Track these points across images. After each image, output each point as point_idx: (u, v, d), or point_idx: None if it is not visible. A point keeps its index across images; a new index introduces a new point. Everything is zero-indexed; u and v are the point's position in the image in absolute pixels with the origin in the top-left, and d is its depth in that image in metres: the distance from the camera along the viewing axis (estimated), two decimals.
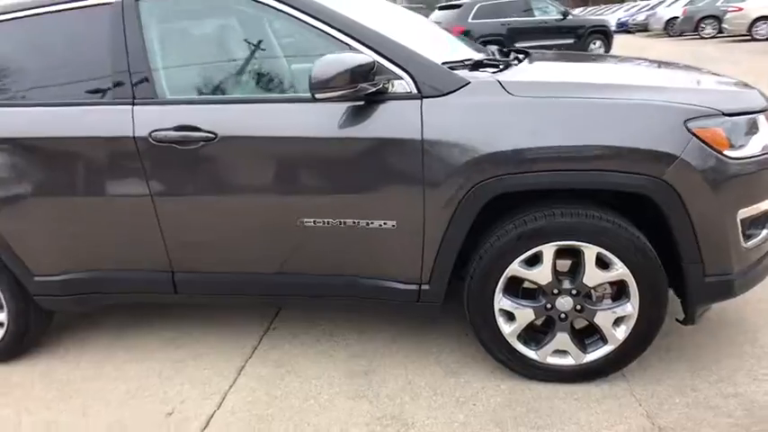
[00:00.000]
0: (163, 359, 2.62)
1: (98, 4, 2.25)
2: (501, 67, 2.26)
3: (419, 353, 2.49)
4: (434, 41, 2.65)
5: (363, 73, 1.90)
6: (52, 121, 2.26)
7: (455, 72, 2.05)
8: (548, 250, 2.02)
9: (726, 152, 1.89)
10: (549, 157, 1.91)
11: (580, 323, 2.15)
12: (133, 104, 2.19)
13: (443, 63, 2.11)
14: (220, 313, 2.91)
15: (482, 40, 11.55)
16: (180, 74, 2.24)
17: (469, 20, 11.75)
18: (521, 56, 2.60)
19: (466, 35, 11.52)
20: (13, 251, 2.43)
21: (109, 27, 2.22)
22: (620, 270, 2.00)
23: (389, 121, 2.00)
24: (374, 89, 1.95)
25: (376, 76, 1.98)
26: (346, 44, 2.04)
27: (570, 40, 12.44)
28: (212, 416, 2.22)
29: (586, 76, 2.13)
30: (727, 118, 1.91)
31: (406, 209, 2.04)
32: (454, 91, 1.99)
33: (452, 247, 2.07)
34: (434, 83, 2.00)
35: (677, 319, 2.19)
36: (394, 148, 2.00)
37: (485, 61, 2.26)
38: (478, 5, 11.98)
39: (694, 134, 1.86)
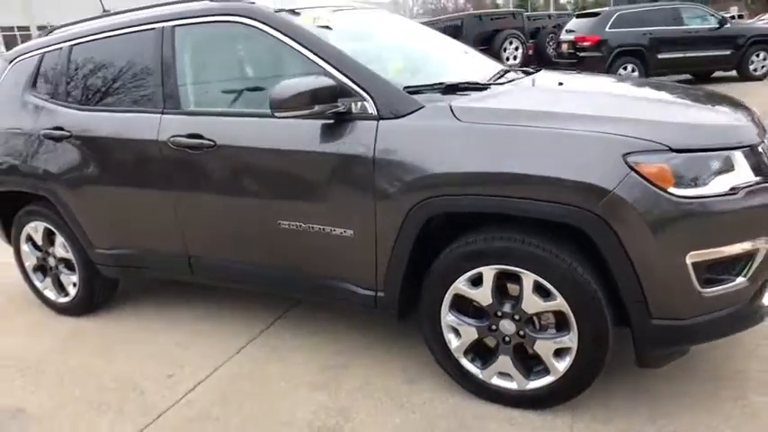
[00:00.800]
0: (187, 331, 3.06)
1: (148, 29, 2.74)
2: (482, 89, 2.33)
3: (391, 357, 2.63)
4: (433, 62, 2.77)
5: (322, 95, 2.11)
6: (107, 123, 2.80)
7: (413, 96, 2.18)
8: (488, 272, 2.06)
9: (671, 190, 1.79)
10: (478, 181, 1.97)
11: (530, 349, 2.15)
12: (162, 113, 2.63)
13: (412, 86, 2.24)
14: (245, 299, 3.29)
15: (618, 51, 10.94)
16: (195, 90, 2.64)
17: (607, 29, 11.14)
18: (519, 77, 2.61)
19: (601, 45, 11.01)
20: (81, 226, 3.02)
21: (152, 48, 2.69)
22: (557, 300, 1.98)
23: (350, 139, 2.20)
24: (333, 110, 2.15)
25: (343, 98, 2.18)
26: (323, 68, 2.27)
27: (726, 52, 11.21)
28: (199, 383, 2.58)
29: (546, 105, 2.11)
30: (676, 154, 1.80)
31: (361, 220, 2.22)
32: (408, 114, 2.13)
33: (401, 258, 2.19)
34: (392, 106, 2.15)
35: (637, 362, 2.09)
36: (351, 164, 2.19)
37: (461, 85, 2.34)
38: (618, 14, 11.32)
39: (633, 168, 1.80)
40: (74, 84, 2.99)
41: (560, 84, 2.42)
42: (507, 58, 10.53)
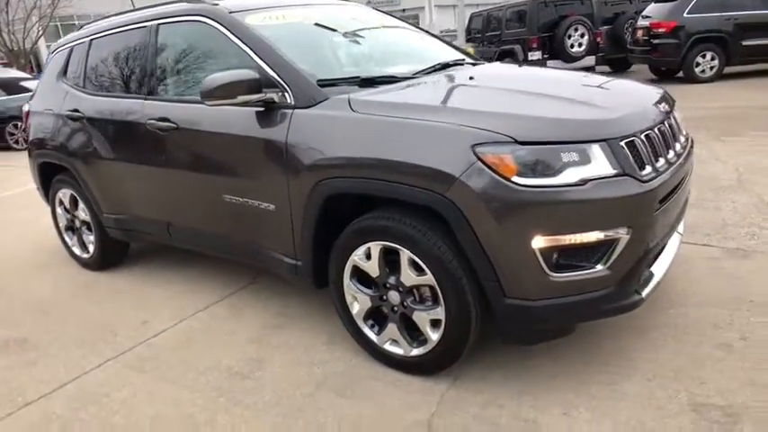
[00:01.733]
0: (175, 290, 3.55)
1: (141, 27, 3.20)
2: (393, 83, 2.55)
3: (324, 322, 2.92)
4: (383, 54, 3.00)
5: (244, 87, 2.42)
6: (108, 107, 3.31)
7: (326, 88, 2.45)
8: (374, 247, 2.31)
9: (514, 179, 1.94)
10: (360, 166, 2.22)
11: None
12: (145, 99, 3.09)
13: (327, 79, 2.51)
14: (228, 266, 3.71)
15: (696, 38, 10.31)
16: (166, 78, 3.06)
17: (685, 14, 10.47)
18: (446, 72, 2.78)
19: (677, 32, 10.44)
20: (93, 193, 3.59)
21: (143, 42, 3.15)
22: (427, 276, 2.19)
23: (271, 125, 2.51)
24: (257, 100, 2.46)
25: (269, 89, 2.49)
26: (256, 63, 2.59)
27: None
28: (163, 331, 3.04)
29: (429, 99, 2.30)
30: (520, 146, 1.95)
31: (279, 197, 2.53)
32: (316, 104, 2.41)
33: (310, 232, 2.48)
34: (306, 96, 2.44)
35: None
36: (271, 147, 2.51)
37: (378, 78, 2.57)
38: None
39: (479, 158, 1.96)
40: (89, 73, 3.54)
41: (471, 78, 2.57)
42: (572, 46, 10.24)
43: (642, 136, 2.12)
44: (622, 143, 2.02)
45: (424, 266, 2.18)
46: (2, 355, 2.97)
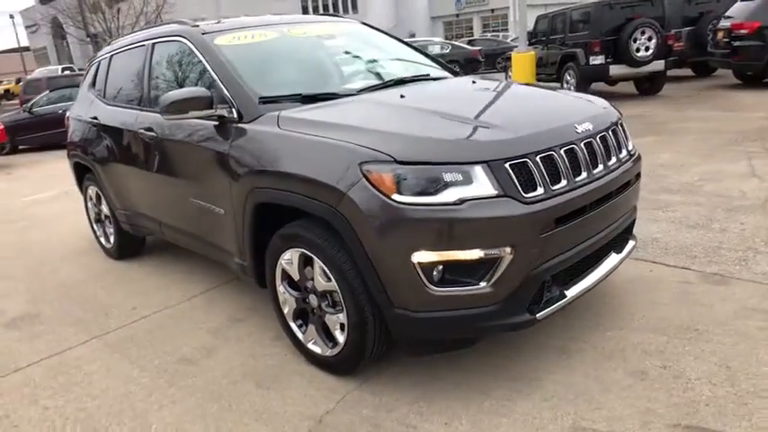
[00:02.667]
0: (171, 279, 3.94)
1: (143, 45, 3.59)
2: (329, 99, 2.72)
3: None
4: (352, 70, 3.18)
5: (194, 103, 2.69)
6: (115, 116, 3.74)
7: (264, 105, 2.67)
8: (294, 253, 2.50)
9: (394, 196, 2.05)
10: (275, 178, 2.42)
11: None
12: (140, 110, 3.47)
13: (269, 96, 2.73)
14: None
15: None
16: (153, 92, 3.41)
17: None
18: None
19: (762, 33, 9.71)
20: (107, 191, 4.05)
21: (142, 59, 3.54)
22: (332, 282, 2.35)
23: (220, 138, 2.77)
24: (208, 115, 2.73)
25: (222, 105, 2.75)
26: (214, 80, 2.86)
27: None
28: (145, 316, 3.41)
29: (343, 117, 2.44)
30: (399, 165, 2.05)
31: (226, 202, 2.79)
32: (253, 120, 2.64)
33: (248, 236, 2.71)
34: (247, 112, 2.68)
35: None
36: (219, 157, 2.77)
37: (320, 96, 2.75)
38: None
39: (364, 175, 2.10)
40: (107, 85, 4.00)
41: (402, 96, 2.67)
42: (637, 50, 9.73)
43: (538, 157, 2.15)
44: (507, 165, 2.07)
45: (329, 274, 2.34)
46: (16, 327, 3.47)
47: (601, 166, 2.39)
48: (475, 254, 2.07)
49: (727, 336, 2.58)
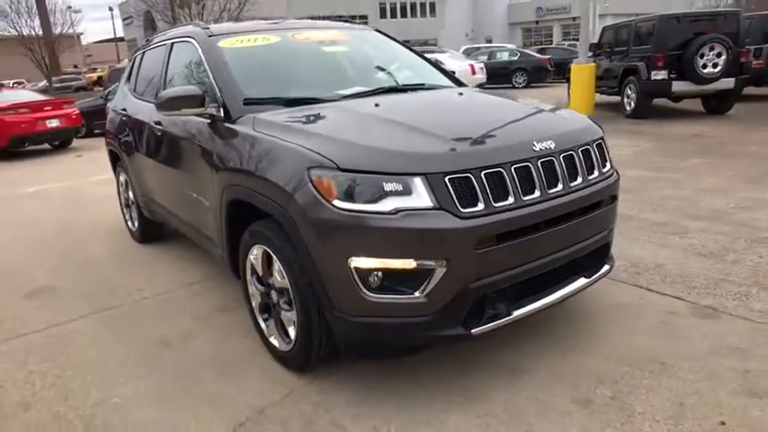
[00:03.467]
0: (180, 266, 4.17)
1: (164, 44, 3.83)
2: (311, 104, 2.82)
3: None
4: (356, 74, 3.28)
5: (186, 101, 2.87)
6: (138, 108, 4.01)
7: (248, 106, 2.80)
8: (258, 249, 2.61)
9: (334, 202, 2.12)
10: (242, 177, 2.54)
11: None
12: (155, 104, 3.71)
13: (254, 98, 2.85)
14: None
15: None
16: (165, 87, 3.63)
17: None
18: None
19: None
20: (131, 179, 4.35)
21: (163, 57, 3.78)
22: (285, 280, 2.45)
23: (209, 134, 2.93)
24: (195, 112, 2.90)
25: (213, 104, 2.91)
26: (211, 80, 3.03)
27: None
28: (145, 299, 3.64)
29: (310, 123, 2.50)
30: (340, 173, 2.11)
31: (210, 195, 2.95)
32: (235, 120, 2.77)
33: (224, 229, 2.86)
34: (232, 112, 2.82)
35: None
36: (205, 153, 2.93)
37: (299, 99, 2.85)
38: None
39: (310, 180, 2.18)
40: (137, 79, 4.28)
41: (376, 105, 2.72)
42: (704, 66, 9.20)
43: (483, 173, 2.15)
44: (446, 178, 2.09)
45: (283, 271, 2.43)
46: (33, 297, 3.80)
47: (560, 186, 2.34)
48: (409, 264, 2.10)
49: (693, 372, 2.45)
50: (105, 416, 2.42)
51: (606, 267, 2.73)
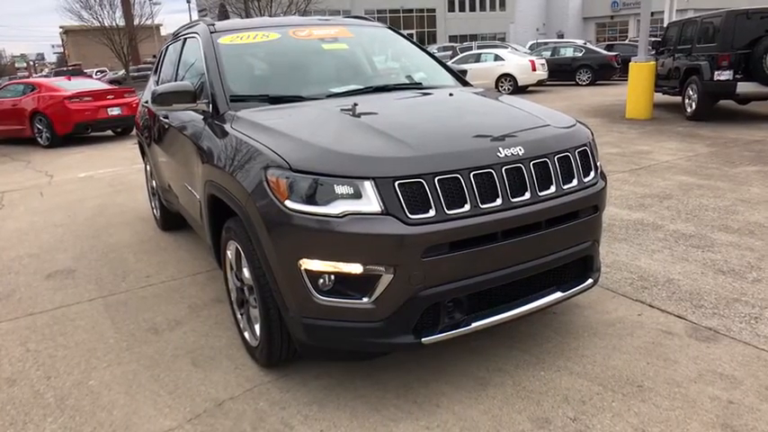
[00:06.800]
0: (193, 255, 4.31)
1: (180, 40, 3.95)
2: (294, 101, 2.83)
3: None
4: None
5: (177, 97, 2.94)
6: None
7: (233, 104, 2.84)
8: (231, 245, 2.66)
9: (286, 202, 2.11)
10: (216, 173, 2.58)
11: None
12: None
13: (239, 95, 2.90)
14: None
15: None
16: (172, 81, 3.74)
17: None
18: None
19: None
20: (152, 168, 4.52)
21: (178, 51, 3.90)
22: (251, 276, 2.48)
23: (200, 129, 3.00)
24: (186, 107, 2.97)
25: (204, 100, 2.99)
26: (206, 75, 3.09)
27: None
28: (151, 285, 3.79)
29: (279, 121, 2.50)
30: (292, 173, 2.10)
31: (198, 187, 3.02)
32: (219, 116, 2.82)
33: (207, 222, 2.92)
34: (218, 109, 2.87)
35: None
36: (193, 146, 3.01)
37: (283, 96, 2.87)
38: None
39: (266, 179, 2.18)
40: (160, 72, 4.44)
41: (355, 104, 2.68)
42: None
43: (437, 179, 2.08)
44: (396, 183, 2.04)
45: (249, 267, 2.46)
46: (52, 279, 4.04)
47: (527, 195, 2.24)
48: (355, 268, 2.07)
49: (669, 399, 2.29)
50: (78, 397, 2.54)
51: (589, 281, 2.58)
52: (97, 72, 37.99)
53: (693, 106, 9.76)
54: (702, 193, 5.26)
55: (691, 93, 9.83)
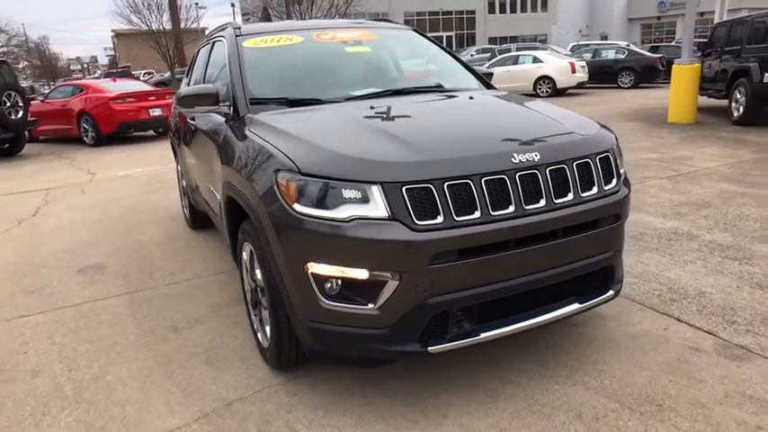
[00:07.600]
0: (219, 253, 4.38)
1: (210, 43, 4.01)
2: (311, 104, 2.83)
3: None
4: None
5: (200, 99, 2.99)
6: None
7: (252, 106, 2.86)
8: (247, 246, 2.67)
9: (294, 205, 2.11)
10: (233, 174, 2.60)
11: None
12: None
13: (259, 98, 2.91)
14: None
15: None
16: (201, 82, 3.79)
17: None
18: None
19: None
20: (182, 168, 4.62)
21: (206, 54, 3.97)
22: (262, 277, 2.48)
23: (220, 131, 3.04)
24: (206, 109, 3.02)
25: (226, 102, 3.02)
26: (229, 78, 3.13)
27: None
28: (175, 282, 3.86)
29: (296, 124, 2.48)
30: (302, 176, 2.09)
31: (218, 187, 3.05)
32: (239, 119, 2.85)
33: (226, 223, 2.94)
34: (239, 111, 2.90)
35: None
36: (215, 148, 3.04)
37: (302, 99, 2.87)
38: None
39: (277, 182, 2.18)
40: (192, 75, 4.52)
41: (371, 108, 2.65)
42: None
43: (446, 184, 2.03)
44: (404, 188, 2.00)
45: (261, 269, 2.47)
46: (83, 274, 4.16)
47: (542, 202, 2.17)
48: (362, 273, 2.05)
49: (691, 421, 2.18)
50: (95, 391, 2.59)
51: (609, 293, 2.49)
52: (144, 74, 39.16)
53: (740, 110, 9.36)
54: (744, 202, 5.02)
55: (738, 96, 9.43)
